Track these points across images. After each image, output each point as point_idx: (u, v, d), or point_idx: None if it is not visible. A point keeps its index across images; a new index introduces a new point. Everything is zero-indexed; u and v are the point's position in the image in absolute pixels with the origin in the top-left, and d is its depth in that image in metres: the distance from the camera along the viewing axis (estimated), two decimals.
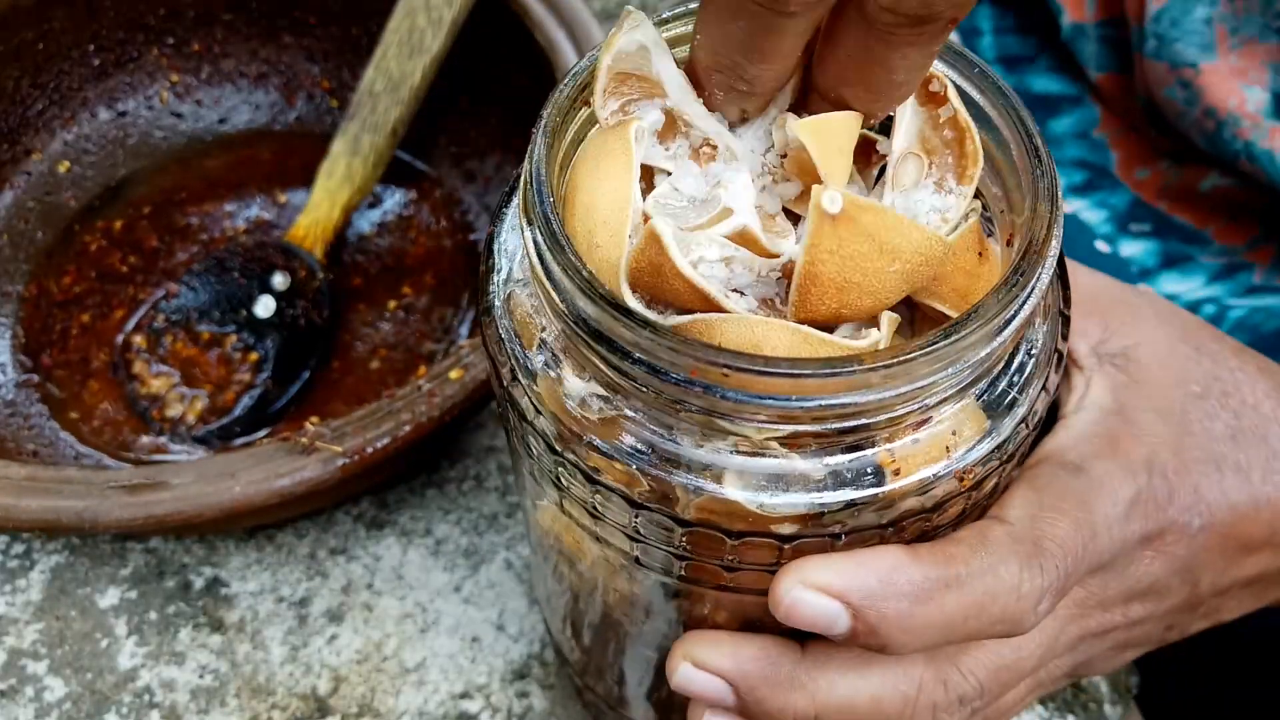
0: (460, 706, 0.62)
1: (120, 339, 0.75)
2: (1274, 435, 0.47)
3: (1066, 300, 0.39)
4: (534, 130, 0.36)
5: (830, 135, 0.35)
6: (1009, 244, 0.37)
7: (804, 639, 0.40)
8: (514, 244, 0.39)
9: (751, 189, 0.36)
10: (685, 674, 0.40)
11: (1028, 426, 0.36)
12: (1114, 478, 0.43)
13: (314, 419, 0.67)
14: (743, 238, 0.35)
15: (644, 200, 0.36)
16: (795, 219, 0.37)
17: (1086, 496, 0.41)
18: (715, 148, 0.37)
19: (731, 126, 0.37)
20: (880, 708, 0.40)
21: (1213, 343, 0.49)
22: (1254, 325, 0.67)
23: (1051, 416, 0.46)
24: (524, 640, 0.64)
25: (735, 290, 0.35)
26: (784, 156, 0.37)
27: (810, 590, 0.35)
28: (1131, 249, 0.73)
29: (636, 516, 0.35)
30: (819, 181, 0.35)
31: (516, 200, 0.38)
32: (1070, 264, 0.49)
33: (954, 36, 0.79)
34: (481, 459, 0.71)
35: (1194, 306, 0.69)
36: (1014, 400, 0.36)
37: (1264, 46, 0.66)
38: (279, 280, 0.75)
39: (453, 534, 0.68)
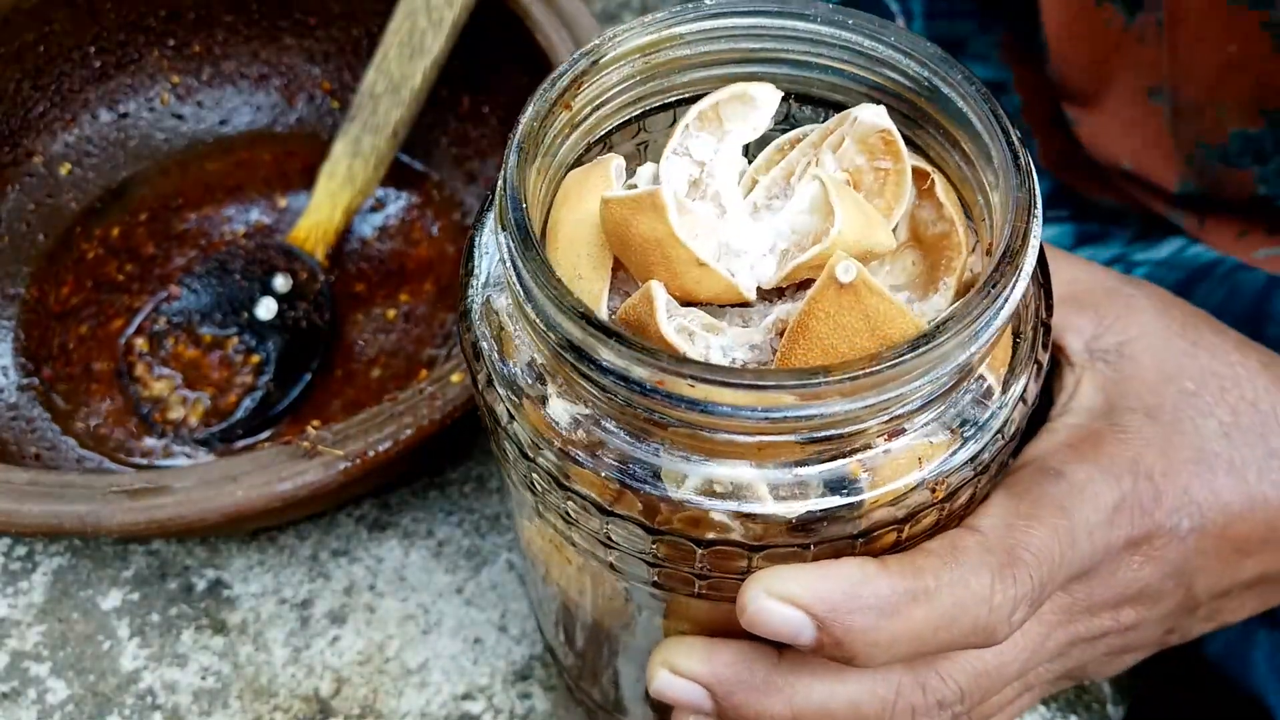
0: (462, 708, 0.62)
1: (122, 342, 0.75)
2: (1273, 433, 0.46)
3: (1048, 309, 0.39)
4: (509, 138, 0.36)
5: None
6: (988, 253, 0.37)
7: (782, 644, 0.40)
8: (492, 249, 0.39)
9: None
10: (663, 681, 0.40)
11: (1004, 438, 0.36)
12: (1096, 483, 0.42)
13: (316, 422, 0.67)
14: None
15: None
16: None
17: (1066, 502, 0.41)
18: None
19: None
20: (858, 712, 0.40)
21: (1213, 335, 0.47)
22: (1156, 280, 0.66)
23: (1041, 416, 0.45)
24: (526, 641, 0.64)
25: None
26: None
27: (775, 600, 0.35)
28: (1046, 233, 0.72)
29: (608, 523, 0.35)
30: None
31: (493, 207, 0.38)
32: (1064, 255, 0.48)
33: (895, 8, 0.78)
34: (483, 460, 0.71)
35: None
36: (991, 411, 0.35)
37: None
38: (280, 282, 0.75)
39: (455, 535, 0.68)
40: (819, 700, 0.39)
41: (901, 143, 0.38)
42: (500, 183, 0.35)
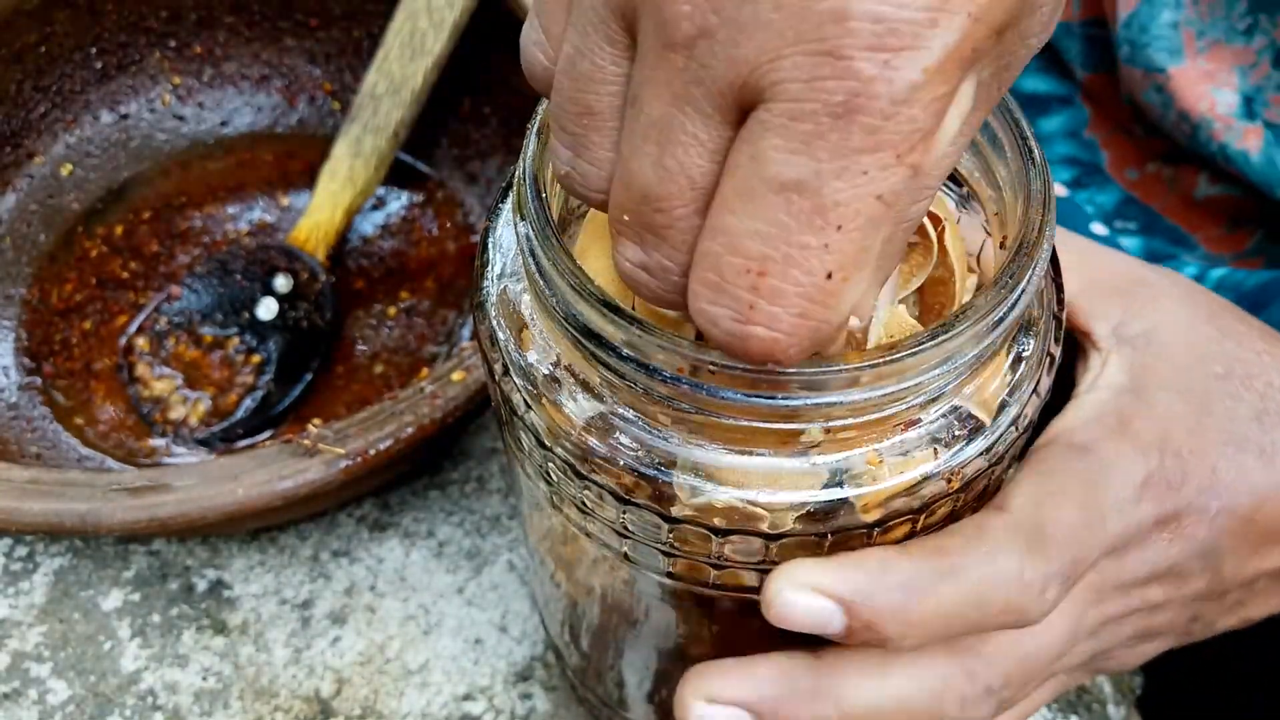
0: (463, 708, 0.62)
1: (123, 342, 0.75)
2: None
3: (1060, 303, 0.39)
4: (529, 126, 0.36)
5: None
6: (1002, 246, 0.37)
7: (815, 647, 0.39)
8: (508, 239, 0.39)
9: None
10: (701, 714, 0.38)
11: (1018, 429, 0.36)
12: (1124, 458, 0.41)
13: (316, 421, 0.68)
14: None
15: None
16: None
17: (1094, 479, 0.40)
18: None
19: None
20: (907, 707, 0.39)
21: (1238, 324, 0.47)
22: (1235, 283, 0.65)
23: (1060, 401, 0.45)
24: (527, 642, 0.64)
25: None
26: None
27: (800, 591, 0.35)
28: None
29: (624, 512, 0.35)
30: None
31: (511, 197, 0.38)
32: (1089, 242, 0.48)
33: None
34: (484, 461, 0.71)
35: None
36: (1004, 403, 0.36)
37: (1230, 49, 0.66)
38: (281, 283, 0.75)
39: (455, 536, 0.68)
40: (866, 700, 0.38)
41: (930, 226, 0.38)
42: (519, 171, 0.35)
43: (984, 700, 0.40)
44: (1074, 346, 0.46)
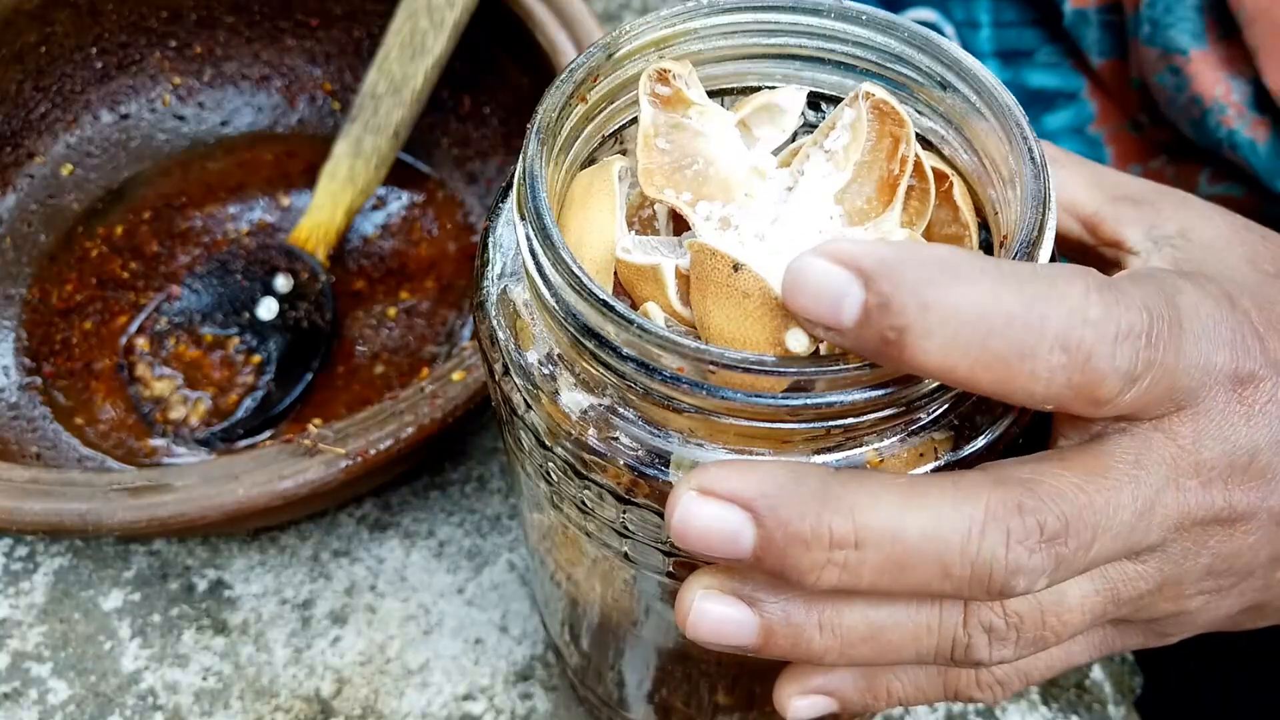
0: (464, 708, 0.62)
1: (123, 342, 0.75)
2: None
3: None
4: (529, 127, 0.36)
5: None
6: (1002, 245, 0.37)
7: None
8: (508, 239, 0.39)
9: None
10: (688, 509, 0.32)
11: (1018, 427, 0.36)
12: (1194, 295, 0.35)
13: (317, 421, 0.67)
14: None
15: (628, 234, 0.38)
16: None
17: (1170, 289, 0.34)
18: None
19: None
20: (939, 535, 0.32)
21: (1273, 234, 0.44)
22: None
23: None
24: (527, 642, 0.64)
25: None
26: None
27: (821, 258, 0.30)
28: None
29: (625, 511, 0.35)
30: None
31: (511, 197, 0.38)
32: (1103, 166, 0.45)
33: (950, 30, 0.78)
34: (484, 460, 0.71)
35: None
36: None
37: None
38: (281, 282, 0.75)
39: (455, 535, 0.68)
40: (886, 521, 0.32)
41: (927, 164, 0.38)
42: (519, 171, 0.35)
43: (1037, 544, 0.32)
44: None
